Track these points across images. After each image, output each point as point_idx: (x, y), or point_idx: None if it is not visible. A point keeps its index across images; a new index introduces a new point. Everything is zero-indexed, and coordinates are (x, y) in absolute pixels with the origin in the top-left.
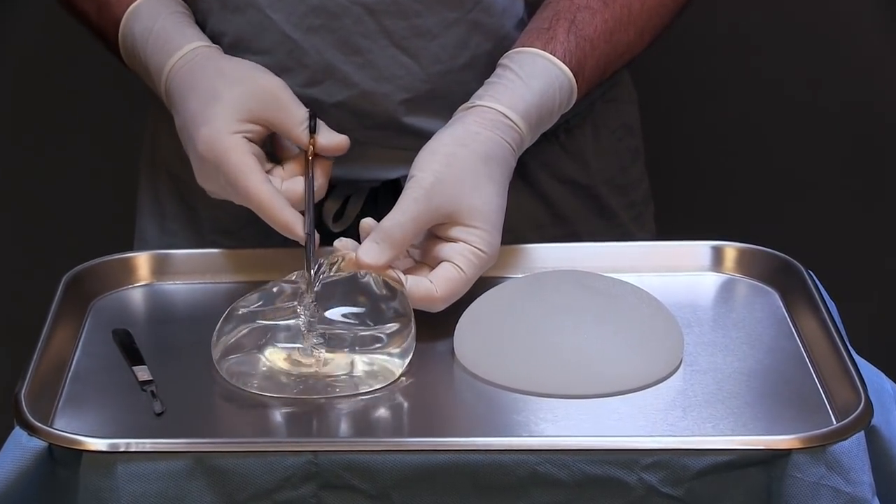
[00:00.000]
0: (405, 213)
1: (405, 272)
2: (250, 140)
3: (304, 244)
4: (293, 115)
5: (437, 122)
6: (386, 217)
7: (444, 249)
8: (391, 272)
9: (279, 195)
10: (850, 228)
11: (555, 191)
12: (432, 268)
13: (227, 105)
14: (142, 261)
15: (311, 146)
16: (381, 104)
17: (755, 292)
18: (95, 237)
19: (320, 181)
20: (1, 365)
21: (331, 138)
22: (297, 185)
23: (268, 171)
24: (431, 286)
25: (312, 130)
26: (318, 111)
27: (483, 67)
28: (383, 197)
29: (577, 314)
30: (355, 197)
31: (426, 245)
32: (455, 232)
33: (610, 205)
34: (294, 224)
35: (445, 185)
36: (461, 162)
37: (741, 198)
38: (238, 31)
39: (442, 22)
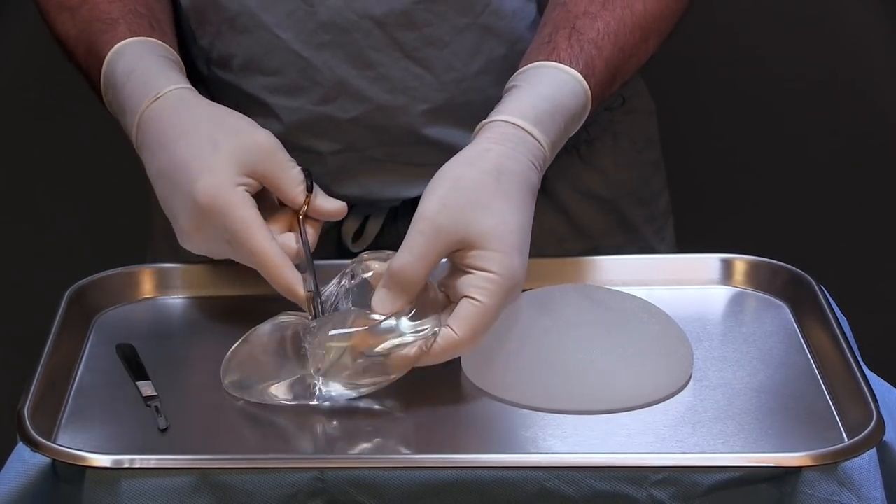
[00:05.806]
0: (413, 251)
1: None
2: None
3: (305, 305)
4: (290, 174)
5: (459, 132)
6: (394, 258)
7: (462, 283)
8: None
9: (284, 255)
10: (862, 242)
11: (576, 204)
12: (456, 304)
13: (229, 156)
14: (145, 275)
15: (305, 205)
16: (397, 117)
17: (765, 306)
18: (99, 251)
19: (312, 239)
20: (4, 380)
21: (328, 204)
22: (289, 240)
23: None
24: (450, 332)
25: (309, 190)
26: (333, 128)
27: (499, 72)
28: (403, 214)
29: (585, 329)
30: (375, 216)
31: (447, 280)
32: (469, 259)
33: (631, 218)
34: (297, 286)
35: (451, 210)
36: (468, 183)
37: (751, 210)
38: (247, 52)
39: (453, 29)
